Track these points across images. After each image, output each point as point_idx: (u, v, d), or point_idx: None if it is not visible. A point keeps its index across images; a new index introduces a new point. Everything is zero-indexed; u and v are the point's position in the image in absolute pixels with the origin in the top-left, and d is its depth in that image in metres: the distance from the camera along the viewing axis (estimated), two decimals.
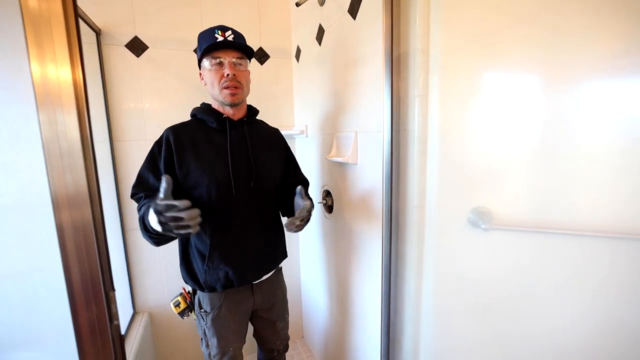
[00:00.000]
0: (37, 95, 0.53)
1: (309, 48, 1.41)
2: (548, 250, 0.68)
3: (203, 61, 0.93)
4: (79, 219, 0.57)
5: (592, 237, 0.63)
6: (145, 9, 1.34)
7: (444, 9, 0.73)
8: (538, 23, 0.64)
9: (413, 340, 0.89)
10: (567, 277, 0.67)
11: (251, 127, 1.02)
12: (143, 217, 0.81)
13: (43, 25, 0.52)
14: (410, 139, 0.81)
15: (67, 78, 0.54)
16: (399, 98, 0.80)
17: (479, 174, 0.75)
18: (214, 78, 0.91)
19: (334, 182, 1.30)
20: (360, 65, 1.02)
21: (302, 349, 1.85)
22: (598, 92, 0.61)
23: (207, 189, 0.89)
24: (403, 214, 0.85)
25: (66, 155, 0.55)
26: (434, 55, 0.76)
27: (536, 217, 0.68)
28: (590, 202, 0.64)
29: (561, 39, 0.63)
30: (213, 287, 0.95)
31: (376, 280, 1.00)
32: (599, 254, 0.64)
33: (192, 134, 0.93)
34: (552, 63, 0.65)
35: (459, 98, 0.75)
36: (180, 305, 1.07)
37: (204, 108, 0.98)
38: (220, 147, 0.94)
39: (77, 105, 0.56)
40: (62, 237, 0.57)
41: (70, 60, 0.54)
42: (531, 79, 0.68)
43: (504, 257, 0.73)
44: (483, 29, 0.70)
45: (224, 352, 1.01)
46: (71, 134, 0.55)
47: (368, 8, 0.94)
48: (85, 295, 0.59)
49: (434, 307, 0.84)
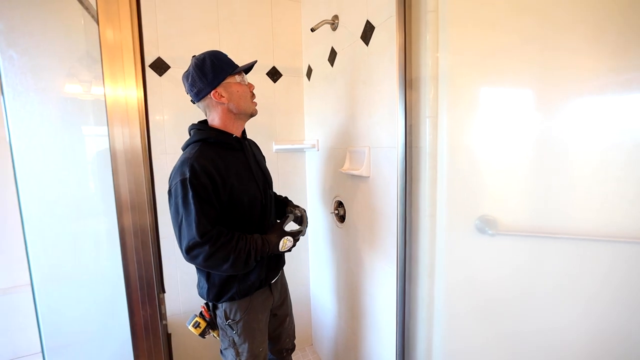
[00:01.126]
0: (108, 113, 0.61)
1: (321, 68, 1.51)
2: (549, 253, 0.76)
3: (230, 79, 0.98)
4: (139, 223, 0.65)
5: (588, 240, 0.72)
6: (168, 32, 1.44)
7: (450, 40, 0.84)
8: (534, 43, 0.74)
9: (426, 341, 0.96)
10: (567, 277, 0.76)
11: (248, 140, 1.15)
12: (256, 250, 0.95)
13: (116, 51, 0.60)
14: (422, 155, 0.90)
15: (133, 97, 0.63)
16: (411, 119, 0.90)
17: (484, 185, 0.84)
18: (246, 92, 1.02)
19: (346, 193, 1.39)
20: (372, 87, 1.12)
21: (312, 356, 1.89)
22: (592, 107, 0.70)
23: (247, 201, 0.99)
24: (416, 222, 0.94)
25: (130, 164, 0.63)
26: (442, 80, 0.86)
27: (537, 223, 0.77)
28: (586, 209, 0.72)
29: (555, 58, 0.72)
30: (247, 292, 1.02)
31: (390, 284, 1.07)
32: (596, 256, 0.72)
33: (215, 159, 0.95)
34: (548, 80, 0.74)
35: (465, 117, 0.85)
36: (201, 325, 1.07)
37: (216, 131, 1.01)
38: (244, 165, 1.03)
39: (140, 121, 0.64)
40: (124, 239, 0.65)
41: (136, 82, 0.63)
42: (529, 95, 0.78)
43: (508, 260, 0.82)
44: (484, 52, 0.81)
45: (256, 354, 1.06)
46: (135, 145, 0.63)
47: (380, 36, 1.05)
48: (142, 296, 0.66)
49: (446, 309, 0.92)
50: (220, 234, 0.89)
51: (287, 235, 1.03)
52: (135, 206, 0.64)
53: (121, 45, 0.61)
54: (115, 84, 0.60)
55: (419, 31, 0.88)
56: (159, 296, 0.68)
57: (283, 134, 1.74)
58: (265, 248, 0.97)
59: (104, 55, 0.59)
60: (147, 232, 0.65)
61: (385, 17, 1.00)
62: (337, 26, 1.33)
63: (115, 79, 0.60)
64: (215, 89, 0.97)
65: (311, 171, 1.77)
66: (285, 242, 1.01)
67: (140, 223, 0.65)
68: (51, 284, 0.91)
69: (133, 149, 0.63)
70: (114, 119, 0.61)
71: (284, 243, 1.01)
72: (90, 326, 1.07)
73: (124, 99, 0.61)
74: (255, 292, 1.05)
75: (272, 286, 1.13)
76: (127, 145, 0.63)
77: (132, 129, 0.63)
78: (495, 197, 0.83)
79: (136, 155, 0.63)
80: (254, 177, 1.04)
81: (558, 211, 0.75)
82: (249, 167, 1.04)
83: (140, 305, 0.66)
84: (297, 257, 1.85)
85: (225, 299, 1.02)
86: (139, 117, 0.63)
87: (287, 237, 1.02)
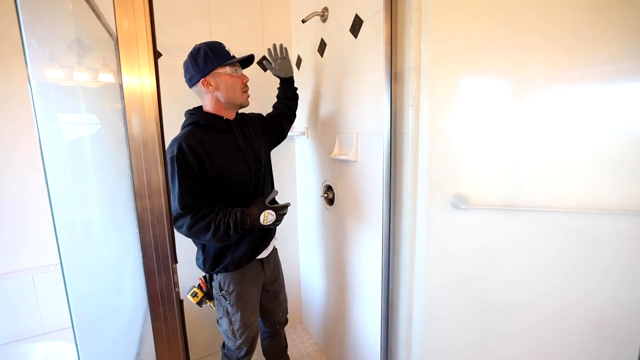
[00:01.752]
0: (126, 101, 0.66)
1: (310, 58, 1.58)
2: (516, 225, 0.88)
3: (220, 69, 1.04)
4: (155, 203, 0.71)
5: (553, 212, 0.81)
6: (160, 20, 1.45)
7: (432, 33, 0.93)
8: (507, 39, 0.83)
9: (408, 304, 1.09)
10: (534, 247, 0.87)
11: (242, 122, 1.20)
12: (240, 222, 1.00)
13: (132, 41, 0.65)
14: (405, 140, 1.00)
15: (147, 85, 0.68)
16: (396, 107, 0.99)
17: (460, 165, 0.95)
18: (236, 83, 1.07)
19: (335, 178, 1.48)
20: (360, 77, 1.20)
21: (302, 332, 2.01)
22: (559, 95, 0.78)
23: (236, 181, 1.06)
24: (400, 201, 1.05)
25: (145, 151, 0.69)
26: (424, 72, 0.96)
27: (506, 198, 0.88)
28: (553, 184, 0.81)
29: (525, 53, 0.82)
30: (239, 263, 1.10)
31: (376, 257, 1.18)
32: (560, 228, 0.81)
33: (204, 139, 1.03)
34: (519, 72, 0.83)
35: (443, 105, 0.96)
36: (198, 295, 1.19)
37: (206, 114, 1.09)
38: (234, 146, 1.10)
39: (153, 108, 0.70)
40: (142, 219, 0.71)
41: (150, 71, 0.68)
42: (502, 85, 0.88)
43: (479, 232, 0.94)
44: (462, 46, 0.90)
45: (247, 324, 1.17)
46: (151, 132, 0.69)
47: (369, 29, 1.13)
48: (157, 266, 0.73)
49: (424, 276, 1.04)
50: (202, 206, 0.99)
51: (268, 209, 1.05)
52: (151, 189, 0.70)
53: (136, 35, 0.65)
54: (131, 72, 0.65)
55: (404, 26, 0.97)
56: (172, 266, 0.75)
57: None
58: (245, 220, 1.02)
59: (121, 46, 0.64)
60: (162, 210, 0.72)
61: (373, 12, 1.08)
62: (326, 18, 1.39)
63: (131, 68, 0.65)
64: (205, 77, 1.04)
65: (301, 157, 1.85)
66: (267, 216, 1.04)
67: (157, 205, 0.72)
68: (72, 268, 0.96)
69: (149, 135, 0.69)
70: (131, 108, 0.67)
71: (265, 216, 1.04)
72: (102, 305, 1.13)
73: (139, 87, 0.67)
74: (247, 266, 1.14)
75: (264, 263, 1.22)
76: (143, 131, 0.68)
77: (147, 117, 0.68)
78: (469, 176, 0.95)
79: (152, 140, 0.69)
80: (244, 157, 1.11)
81: (525, 187, 0.85)
82: (239, 148, 1.11)
83: (157, 274, 0.73)
84: (287, 240, 1.95)
85: (220, 269, 1.12)
86: (152, 104, 0.69)
87: (269, 211, 1.05)
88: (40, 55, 0.61)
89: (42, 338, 1.40)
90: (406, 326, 1.10)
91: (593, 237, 0.77)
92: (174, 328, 0.77)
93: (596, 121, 0.75)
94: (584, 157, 0.78)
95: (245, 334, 1.18)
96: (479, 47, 0.88)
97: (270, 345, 1.45)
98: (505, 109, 0.88)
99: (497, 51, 0.86)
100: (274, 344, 1.45)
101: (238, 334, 1.18)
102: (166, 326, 0.76)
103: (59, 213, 0.62)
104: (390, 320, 1.12)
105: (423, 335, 1.07)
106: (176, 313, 0.77)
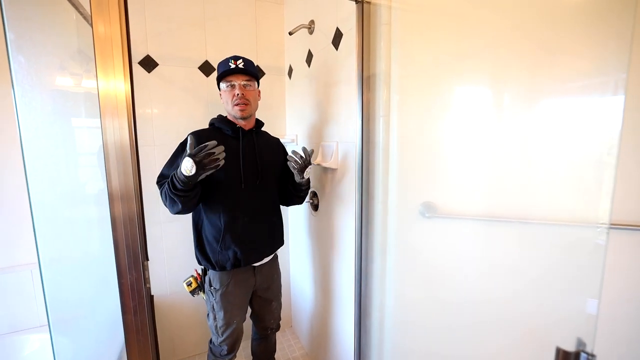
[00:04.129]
0: (101, 106, 0.72)
1: (300, 68, 1.64)
2: (479, 233, 0.90)
3: (220, 84, 1.16)
4: (127, 206, 0.77)
5: (516, 222, 0.82)
6: (156, 31, 1.54)
7: (401, 47, 0.97)
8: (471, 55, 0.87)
9: (379, 310, 1.11)
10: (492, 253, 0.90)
11: (258, 136, 1.25)
12: (171, 181, 0.99)
13: (107, 46, 0.70)
14: (377, 149, 1.04)
15: (122, 90, 0.73)
16: (368, 117, 1.03)
17: (427, 176, 0.98)
18: (228, 97, 1.15)
19: (319, 184, 1.52)
20: (339, 88, 1.25)
21: (291, 336, 2.04)
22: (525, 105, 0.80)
23: (224, 180, 1.11)
24: (372, 208, 1.08)
25: (120, 156, 0.74)
26: (393, 83, 0.99)
27: (469, 208, 0.91)
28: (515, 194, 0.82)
29: (494, 67, 0.84)
30: (224, 265, 1.15)
31: (351, 264, 1.21)
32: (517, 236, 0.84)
33: (209, 136, 1.10)
34: (487, 85, 0.85)
35: (412, 115, 0.99)
36: (192, 285, 1.26)
37: (221, 119, 1.21)
38: (234, 151, 1.15)
39: (127, 113, 0.75)
40: (114, 219, 0.76)
41: (124, 76, 0.73)
42: (470, 97, 0.90)
43: (444, 238, 0.96)
44: (429, 59, 0.94)
45: (229, 323, 1.21)
46: (124, 138, 0.74)
47: (347, 42, 1.18)
48: (128, 263, 0.78)
49: (395, 281, 1.06)
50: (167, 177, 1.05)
51: (187, 156, 0.93)
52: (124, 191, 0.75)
53: (111, 40, 0.70)
54: (106, 77, 0.70)
55: (375, 40, 1.01)
56: (143, 263, 0.80)
57: (267, 129, 1.86)
58: (176, 175, 0.97)
59: (97, 50, 0.69)
60: (134, 210, 0.77)
61: (350, 25, 1.13)
62: (313, 30, 1.45)
63: (106, 73, 0.70)
64: (220, 90, 1.19)
65: None
66: (186, 164, 0.93)
67: (129, 206, 0.77)
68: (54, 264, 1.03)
69: (122, 140, 0.74)
70: (106, 112, 0.72)
71: (185, 165, 0.93)
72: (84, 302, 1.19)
73: (114, 92, 0.72)
74: (235, 270, 1.18)
75: (255, 269, 1.26)
76: (117, 136, 0.74)
77: (121, 121, 0.74)
78: (437, 186, 0.97)
79: (124, 146, 0.74)
80: (240, 164, 1.16)
81: (486, 198, 0.88)
82: (238, 153, 1.16)
83: (127, 270, 0.78)
84: None
85: (207, 268, 1.18)
86: (127, 110, 0.75)
87: (187, 157, 0.93)
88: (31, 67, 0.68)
89: (38, 330, 1.47)
90: (378, 332, 1.12)
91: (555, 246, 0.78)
92: (144, 322, 0.82)
93: (565, 134, 0.76)
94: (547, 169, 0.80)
95: (226, 332, 1.22)
96: (449, 59, 0.92)
97: (259, 347, 1.48)
98: (476, 119, 0.90)
99: (465, 64, 0.89)
100: (263, 347, 1.48)
101: (220, 331, 1.22)
102: (136, 319, 0.81)
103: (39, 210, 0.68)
104: (363, 326, 1.14)
105: (394, 341, 1.09)
106: (146, 307, 0.82)
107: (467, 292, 0.92)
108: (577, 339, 0.51)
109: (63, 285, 1.00)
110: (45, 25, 0.92)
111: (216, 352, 1.28)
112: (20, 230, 1.42)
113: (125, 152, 0.75)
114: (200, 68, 1.64)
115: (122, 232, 0.77)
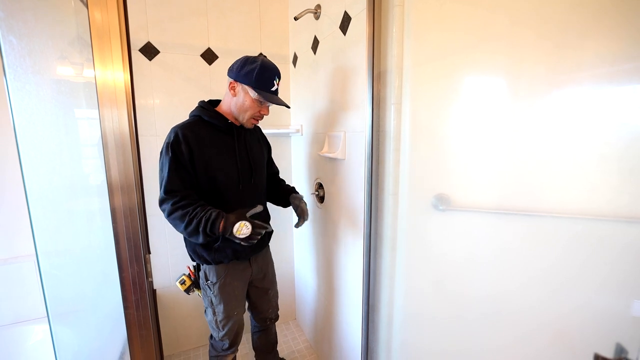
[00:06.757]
0: (98, 95, 0.68)
1: (305, 55, 1.58)
2: (494, 226, 0.86)
3: (251, 89, 1.04)
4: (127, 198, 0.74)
5: (538, 216, 0.78)
6: (158, 17, 1.49)
7: (413, 36, 0.91)
8: (488, 40, 0.81)
9: (388, 306, 1.08)
10: (508, 247, 0.86)
11: (247, 131, 1.19)
12: (212, 223, 0.95)
13: (104, 34, 0.66)
14: (387, 139, 0.99)
15: (120, 80, 0.70)
16: (378, 106, 0.98)
17: (441, 166, 0.93)
18: (251, 109, 1.07)
19: (325, 176, 1.48)
20: (348, 75, 1.19)
21: (295, 328, 2.03)
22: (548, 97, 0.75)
23: (221, 180, 1.07)
24: (381, 200, 1.03)
25: (119, 145, 0.71)
26: (406, 69, 0.94)
27: (485, 200, 0.86)
28: (536, 188, 0.78)
29: (515, 51, 0.79)
30: (220, 261, 1.12)
31: (359, 258, 1.18)
32: (532, 230, 0.80)
33: (201, 133, 1.06)
34: (507, 71, 0.81)
35: (425, 104, 0.94)
36: (186, 283, 1.23)
37: (210, 111, 1.10)
38: (228, 148, 1.11)
39: (127, 102, 0.71)
40: (115, 211, 0.73)
41: (123, 65, 0.70)
42: (488, 85, 0.85)
43: (458, 232, 0.92)
44: (445, 45, 0.89)
45: (230, 316, 1.19)
46: (123, 127, 0.71)
47: (356, 26, 1.12)
48: (129, 256, 0.75)
49: (405, 278, 1.03)
50: (187, 196, 1.00)
51: (246, 221, 0.97)
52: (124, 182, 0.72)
53: (109, 28, 0.66)
54: (104, 66, 0.67)
55: (387, 24, 0.95)
56: (145, 256, 0.77)
57: (271, 119, 1.81)
58: (219, 221, 0.96)
59: (94, 38, 0.65)
60: (135, 202, 0.74)
61: (360, 8, 1.07)
62: (319, 15, 1.38)
63: (104, 62, 0.66)
64: (236, 80, 1.06)
65: (296, 155, 1.86)
66: (242, 227, 0.96)
67: (129, 198, 0.74)
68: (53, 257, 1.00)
69: (121, 129, 0.71)
70: (104, 101, 0.68)
71: (240, 227, 0.96)
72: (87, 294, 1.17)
73: (112, 81, 0.68)
74: (231, 262, 1.15)
75: (251, 259, 1.24)
76: (115, 126, 0.70)
77: (120, 111, 0.70)
78: (451, 177, 0.93)
79: (124, 135, 0.71)
80: (236, 161, 1.12)
81: (510, 189, 0.83)
82: (234, 152, 1.12)
83: (129, 263, 0.76)
84: (283, 237, 1.96)
85: (203, 260, 1.14)
86: (126, 99, 0.71)
87: (245, 222, 0.96)
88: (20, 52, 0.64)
89: (42, 321, 1.47)
90: (386, 328, 1.09)
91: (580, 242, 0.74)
92: (146, 316, 0.79)
93: (589, 124, 0.71)
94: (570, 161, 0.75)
95: (227, 326, 1.20)
96: (464, 45, 0.86)
97: (260, 340, 1.47)
98: (492, 109, 0.85)
99: (484, 49, 0.84)
100: (264, 339, 1.47)
101: (221, 325, 1.20)
102: (138, 314, 0.78)
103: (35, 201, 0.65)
104: (371, 321, 1.11)
105: (402, 338, 1.06)
106: (148, 302, 0.79)
107: (481, 288, 0.89)
108: (616, 345, 0.47)
109: (64, 277, 0.97)
110: (39, 7, 0.87)
111: (217, 347, 1.26)
112: (22, 221, 1.40)
113: (125, 141, 0.71)
114: (202, 55, 1.59)
115: (123, 224, 0.74)
